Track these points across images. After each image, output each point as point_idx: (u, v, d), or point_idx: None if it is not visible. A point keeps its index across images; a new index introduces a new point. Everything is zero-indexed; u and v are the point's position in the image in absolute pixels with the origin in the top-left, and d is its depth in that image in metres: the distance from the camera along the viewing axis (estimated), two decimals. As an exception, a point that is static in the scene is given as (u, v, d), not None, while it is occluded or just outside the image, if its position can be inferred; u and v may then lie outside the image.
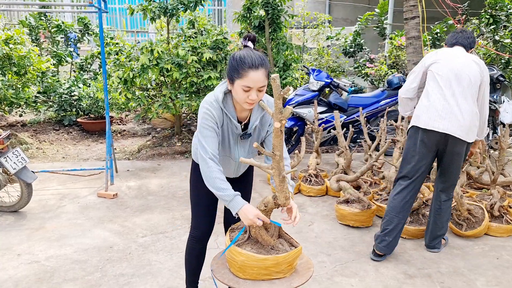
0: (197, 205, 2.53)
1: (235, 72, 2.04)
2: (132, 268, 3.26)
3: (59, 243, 3.66)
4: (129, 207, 4.52)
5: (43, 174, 5.50)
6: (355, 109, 6.17)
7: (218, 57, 6.28)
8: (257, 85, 2.02)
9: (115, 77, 6.06)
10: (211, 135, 2.16)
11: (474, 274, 3.17)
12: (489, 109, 5.57)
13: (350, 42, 10.96)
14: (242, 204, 2.05)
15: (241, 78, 2.02)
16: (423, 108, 3.24)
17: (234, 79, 2.05)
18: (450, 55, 3.28)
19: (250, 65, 2.00)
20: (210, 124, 2.15)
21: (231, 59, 2.08)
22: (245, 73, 2.00)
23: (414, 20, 7.68)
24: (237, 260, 2.01)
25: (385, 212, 3.43)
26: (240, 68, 2.01)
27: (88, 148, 7.23)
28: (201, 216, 2.54)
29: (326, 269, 3.25)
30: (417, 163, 3.26)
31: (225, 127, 2.24)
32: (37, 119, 8.58)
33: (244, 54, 2.04)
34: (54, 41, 9.22)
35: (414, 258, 3.41)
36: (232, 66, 2.06)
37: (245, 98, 2.05)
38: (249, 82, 2.01)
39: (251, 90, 2.03)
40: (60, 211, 4.39)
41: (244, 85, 2.02)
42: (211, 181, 2.13)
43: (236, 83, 2.05)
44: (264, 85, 2.05)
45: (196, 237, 2.57)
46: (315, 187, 4.80)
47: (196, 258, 2.63)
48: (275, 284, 1.99)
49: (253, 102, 2.08)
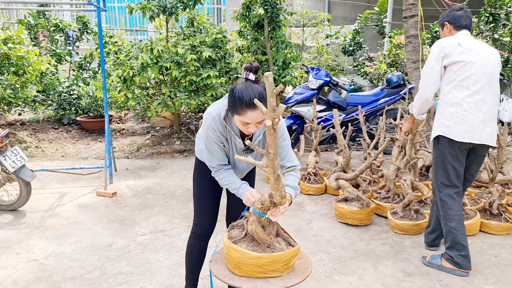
0: (200, 202, 2.55)
1: (233, 109, 2.06)
2: (131, 266, 3.26)
3: (58, 242, 3.67)
4: (128, 205, 4.52)
5: (42, 173, 5.50)
6: (354, 108, 6.17)
7: (217, 56, 6.28)
8: (254, 121, 2.05)
9: (115, 75, 6.06)
10: (217, 148, 2.26)
11: (473, 272, 3.17)
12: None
13: (349, 40, 10.96)
14: (247, 189, 2.22)
15: (239, 115, 2.04)
16: (453, 118, 3.02)
17: (233, 114, 2.08)
18: (475, 50, 3.02)
19: (248, 105, 1.99)
20: (214, 139, 2.22)
21: (230, 92, 2.08)
22: (243, 112, 2.02)
23: (413, 19, 7.67)
24: (232, 257, 2.02)
25: (452, 229, 3.12)
26: (238, 107, 2.02)
27: (87, 147, 7.23)
28: (203, 214, 2.56)
29: (325, 267, 3.25)
30: (457, 170, 3.13)
31: (229, 141, 2.28)
32: (36, 117, 8.58)
33: (243, 92, 2.01)
34: (53, 40, 9.22)
35: (413, 256, 3.41)
36: (231, 102, 2.07)
37: (244, 129, 2.11)
38: (246, 119, 2.04)
39: (249, 124, 2.07)
40: (59, 209, 4.39)
41: (242, 121, 2.06)
42: (223, 184, 2.33)
43: (235, 117, 2.09)
44: (263, 120, 2.06)
45: (198, 234, 2.59)
46: (314, 186, 4.80)
47: (197, 256, 2.64)
48: (270, 282, 1.99)
49: (252, 133, 2.17)
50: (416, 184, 4.18)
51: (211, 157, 2.29)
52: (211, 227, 2.59)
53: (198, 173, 2.55)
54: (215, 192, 2.55)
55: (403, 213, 3.84)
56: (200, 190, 2.54)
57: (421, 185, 4.17)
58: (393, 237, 3.77)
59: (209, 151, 2.28)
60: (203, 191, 2.53)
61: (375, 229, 3.95)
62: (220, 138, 2.24)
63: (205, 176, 2.50)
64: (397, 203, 4.04)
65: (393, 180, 4.22)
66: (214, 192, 2.55)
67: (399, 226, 3.78)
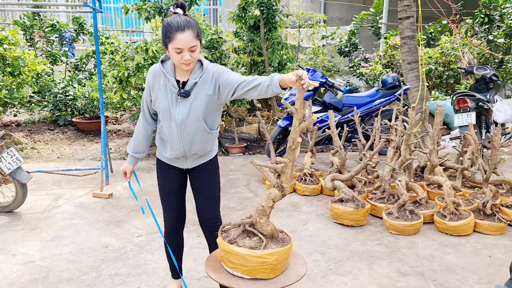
0: (163, 200, 2.67)
1: (166, 37, 2.21)
2: (128, 267, 3.27)
3: (54, 243, 3.67)
4: (124, 207, 4.52)
5: (38, 174, 5.49)
6: (349, 109, 6.19)
7: (213, 57, 6.29)
8: (187, 46, 2.18)
9: (110, 76, 6.06)
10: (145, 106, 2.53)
11: (467, 272, 3.20)
12: (483, 108, 5.63)
13: (345, 41, 11.00)
14: (128, 162, 2.68)
15: (171, 41, 2.18)
16: None
17: (167, 44, 2.22)
18: None
19: (177, 28, 2.16)
20: (145, 92, 2.48)
21: (162, 26, 2.25)
22: (174, 36, 2.16)
23: (408, 20, 7.73)
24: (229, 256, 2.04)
25: None
26: (169, 33, 2.18)
27: (83, 148, 7.23)
28: (168, 211, 2.69)
29: (320, 267, 3.27)
30: None
31: (164, 88, 2.39)
32: (31, 119, 8.56)
33: (171, 19, 2.21)
34: (48, 41, 9.20)
35: (408, 257, 3.43)
36: (163, 32, 2.23)
37: (180, 59, 2.22)
38: (178, 44, 2.17)
39: (183, 51, 2.19)
40: (55, 211, 4.40)
41: (175, 47, 2.18)
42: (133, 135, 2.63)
43: (169, 47, 2.22)
44: (195, 45, 2.21)
45: (167, 231, 2.73)
46: (310, 186, 4.82)
47: (174, 248, 2.78)
48: (262, 283, 2.00)
49: (189, 63, 2.24)
50: (411, 185, 4.21)
51: (141, 112, 2.56)
52: (178, 221, 2.71)
53: (158, 172, 2.67)
54: (175, 189, 2.64)
55: (398, 214, 3.87)
56: (161, 189, 2.66)
57: (416, 186, 4.20)
58: (388, 237, 3.79)
59: (142, 105, 2.55)
60: (164, 189, 2.65)
61: (370, 229, 3.97)
62: (149, 89, 2.42)
63: (164, 174, 2.63)
64: (392, 204, 4.07)
65: (388, 181, 4.25)
66: (173, 189, 2.64)
67: (394, 226, 3.81)
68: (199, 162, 2.57)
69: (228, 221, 2.27)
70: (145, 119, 2.57)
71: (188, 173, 2.64)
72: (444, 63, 9.89)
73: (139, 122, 2.60)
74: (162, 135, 2.51)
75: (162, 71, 2.37)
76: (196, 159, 2.55)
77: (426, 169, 4.41)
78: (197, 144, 2.46)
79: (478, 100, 5.60)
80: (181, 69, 2.34)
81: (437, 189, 4.49)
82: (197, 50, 2.24)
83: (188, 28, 2.17)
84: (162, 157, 2.61)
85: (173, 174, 2.61)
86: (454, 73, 9.83)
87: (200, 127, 2.41)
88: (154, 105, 2.44)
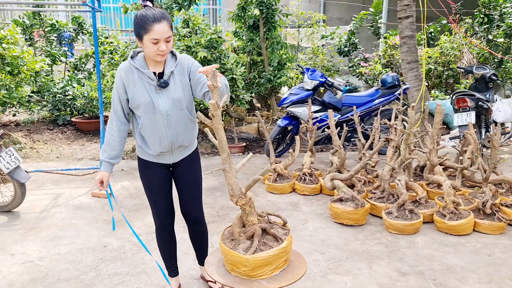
0: (151, 198, 2.66)
1: (142, 29, 2.22)
2: (127, 267, 3.26)
3: (53, 243, 3.66)
4: (123, 206, 4.52)
5: (36, 174, 5.48)
6: (349, 108, 6.19)
7: (213, 56, 6.28)
8: (163, 36, 2.22)
9: (110, 76, 6.05)
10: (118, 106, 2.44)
11: (467, 271, 3.19)
12: (482, 107, 5.63)
13: (344, 41, 10.99)
14: (103, 169, 2.52)
15: (148, 32, 2.20)
16: None
17: (142, 35, 2.23)
18: None
19: (153, 19, 2.19)
20: (117, 91, 2.41)
21: (135, 19, 2.26)
22: (150, 27, 2.19)
23: (408, 20, 7.71)
24: (225, 256, 2.04)
25: None
26: (145, 24, 2.20)
27: (82, 148, 7.22)
28: (157, 209, 2.68)
29: (320, 267, 3.26)
30: None
31: (140, 82, 2.37)
32: (31, 118, 8.55)
33: (145, 11, 2.24)
34: (48, 41, 9.19)
35: (407, 256, 3.43)
36: (137, 24, 2.24)
37: (156, 50, 2.24)
38: (155, 34, 2.20)
39: (159, 42, 2.22)
40: (54, 211, 4.38)
41: (152, 38, 2.20)
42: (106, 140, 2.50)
43: (144, 38, 2.23)
44: (170, 36, 2.25)
45: (160, 226, 2.74)
46: (309, 186, 4.81)
47: (167, 246, 2.81)
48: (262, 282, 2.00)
49: (164, 53, 2.27)
50: (411, 184, 4.20)
51: (113, 114, 2.45)
52: (168, 216, 2.72)
53: (142, 172, 2.64)
54: (163, 185, 2.64)
55: (397, 213, 3.86)
56: (148, 188, 2.64)
57: (415, 185, 4.19)
58: (388, 237, 3.79)
59: (112, 108, 2.47)
60: (152, 188, 2.63)
61: (370, 229, 3.96)
62: (124, 88, 2.37)
63: (149, 173, 2.61)
64: (392, 203, 4.06)
65: (388, 180, 4.24)
66: (162, 186, 2.63)
67: (393, 226, 3.80)
68: (184, 155, 2.60)
69: (229, 220, 2.26)
70: (119, 121, 2.48)
71: (173, 168, 2.65)
72: (444, 63, 9.89)
73: (111, 126, 2.49)
74: (143, 132, 2.46)
75: (133, 66, 2.38)
76: (181, 151, 2.58)
77: (426, 169, 4.40)
78: (183, 134, 2.50)
79: (478, 100, 5.59)
80: (154, 61, 2.36)
81: (436, 189, 4.48)
82: (171, 41, 2.29)
83: (163, 19, 2.22)
84: (145, 156, 2.58)
85: (159, 171, 2.60)
86: (454, 73, 9.82)
87: (184, 116, 2.46)
88: (132, 103, 2.40)
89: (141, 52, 2.42)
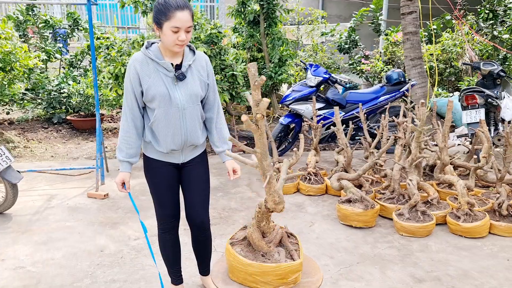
0: (159, 198, 2.49)
1: (163, 15, 2.12)
2: (124, 273, 3.07)
3: (47, 247, 3.45)
4: (120, 208, 4.31)
5: (30, 174, 5.27)
6: (353, 106, 6.00)
7: (213, 52, 6.08)
8: (185, 25, 2.13)
9: (106, 72, 5.84)
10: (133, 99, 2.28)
11: (485, 277, 3.02)
12: (491, 105, 5.46)
13: (345, 38, 10.81)
14: (123, 170, 2.37)
15: (169, 20, 2.11)
16: None
17: (162, 23, 2.13)
18: None
19: (176, 7, 2.10)
20: (132, 82, 2.25)
21: (156, 5, 2.16)
22: (172, 14, 2.10)
23: (411, 15, 7.54)
24: (228, 259, 1.84)
25: None
26: (167, 10, 2.10)
27: (78, 147, 7.00)
28: (163, 209, 2.51)
29: (330, 272, 3.07)
30: None
31: (155, 74, 2.25)
32: (25, 117, 8.32)
33: None
34: (42, 37, 8.96)
35: (422, 260, 3.25)
36: (158, 10, 2.14)
37: (175, 40, 2.14)
38: (177, 22, 2.11)
39: (179, 31, 2.13)
40: (47, 212, 4.18)
41: (173, 26, 2.11)
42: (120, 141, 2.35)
43: (164, 26, 2.13)
44: (191, 26, 2.16)
45: (164, 229, 2.56)
46: (315, 186, 4.62)
47: (172, 249, 2.63)
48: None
49: (183, 44, 2.17)
50: (422, 184, 4.02)
51: (127, 110, 2.30)
52: (176, 218, 2.56)
53: (148, 171, 2.48)
54: (170, 185, 2.48)
55: (409, 215, 3.68)
56: (156, 188, 2.48)
57: (426, 186, 4.02)
58: (399, 239, 3.61)
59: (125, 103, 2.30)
60: (158, 188, 2.47)
61: (379, 231, 3.78)
62: (138, 80, 2.23)
63: (157, 172, 2.45)
64: (402, 204, 3.89)
65: (398, 180, 4.06)
66: (169, 186, 2.48)
67: (405, 228, 3.62)
68: (194, 155, 2.48)
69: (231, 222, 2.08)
70: (134, 117, 2.32)
71: (182, 168, 2.49)
72: (445, 60, 9.73)
73: (126, 123, 2.33)
74: (156, 127, 2.32)
75: (148, 57, 2.26)
76: (191, 151, 2.45)
77: (436, 168, 4.22)
78: (197, 131, 2.39)
79: (487, 97, 5.42)
80: (170, 52, 2.26)
81: (447, 189, 4.31)
82: (191, 32, 2.20)
83: (186, 7, 2.14)
84: (154, 153, 2.42)
85: (167, 170, 2.45)
86: (456, 70, 9.67)
87: (198, 112, 2.37)
88: (147, 95, 2.26)
89: (155, 43, 2.31)
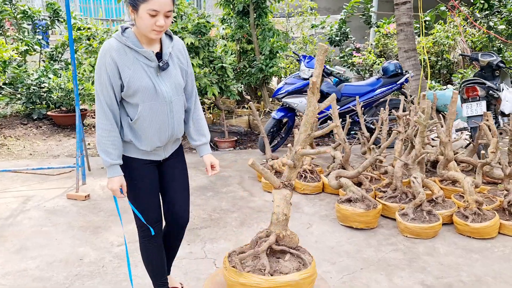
0: (143, 201, 2.22)
1: None
2: (106, 284, 2.77)
3: (19, 256, 3.13)
4: (102, 210, 3.99)
5: (4, 174, 4.91)
6: (349, 99, 5.74)
7: (200, 43, 5.77)
8: (164, 9, 1.88)
9: (87, 64, 5.49)
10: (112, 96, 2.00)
11: (500, 283, 2.78)
12: (492, 96, 5.24)
13: (336, 30, 10.56)
14: (115, 174, 2.06)
15: (146, 1, 1.85)
16: None
17: (138, 4, 1.87)
18: None
19: None
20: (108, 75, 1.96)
21: None
22: None
23: (405, 6, 7.31)
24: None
25: None
26: None
27: (59, 144, 6.64)
28: (148, 212, 2.23)
29: (333, 280, 2.81)
30: None
31: (135, 64, 1.99)
32: (3, 113, 7.90)
33: None
34: (20, 29, 8.52)
35: (430, 265, 3.00)
36: None
37: (152, 25, 1.89)
38: (155, 5, 1.86)
39: (158, 14, 1.88)
40: (22, 216, 3.84)
41: (150, 8, 1.86)
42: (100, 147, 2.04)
43: (141, 8, 1.87)
44: (171, 10, 1.91)
45: (148, 236, 2.27)
46: (311, 184, 4.36)
47: (157, 258, 2.36)
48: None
49: (161, 30, 1.93)
50: (426, 182, 3.78)
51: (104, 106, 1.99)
52: (158, 222, 2.29)
53: (129, 172, 2.16)
54: (154, 187, 2.23)
55: (414, 215, 3.43)
56: (138, 191, 2.19)
57: (431, 183, 3.77)
58: (404, 242, 3.36)
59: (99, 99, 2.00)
60: (142, 191, 2.20)
61: (382, 232, 3.53)
62: (118, 71, 1.95)
63: (139, 174, 2.16)
64: (406, 203, 3.64)
65: (400, 178, 3.81)
66: (153, 187, 2.22)
67: (410, 229, 3.37)
68: (174, 149, 2.25)
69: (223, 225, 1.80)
70: (114, 114, 2.04)
71: (161, 165, 2.24)
72: (437, 52, 9.56)
73: (106, 122, 2.02)
74: (139, 125, 2.04)
75: (125, 45, 1.98)
76: (172, 144, 2.23)
77: (440, 164, 3.98)
78: (181, 124, 2.19)
79: (489, 88, 5.20)
80: (147, 38, 2.00)
81: (451, 186, 4.08)
82: (171, 17, 1.96)
83: None
84: (133, 153, 2.14)
85: (149, 170, 2.19)
86: (447, 63, 9.51)
87: (183, 103, 2.19)
88: (128, 89, 1.97)
89: (129, 28, 2.01)
